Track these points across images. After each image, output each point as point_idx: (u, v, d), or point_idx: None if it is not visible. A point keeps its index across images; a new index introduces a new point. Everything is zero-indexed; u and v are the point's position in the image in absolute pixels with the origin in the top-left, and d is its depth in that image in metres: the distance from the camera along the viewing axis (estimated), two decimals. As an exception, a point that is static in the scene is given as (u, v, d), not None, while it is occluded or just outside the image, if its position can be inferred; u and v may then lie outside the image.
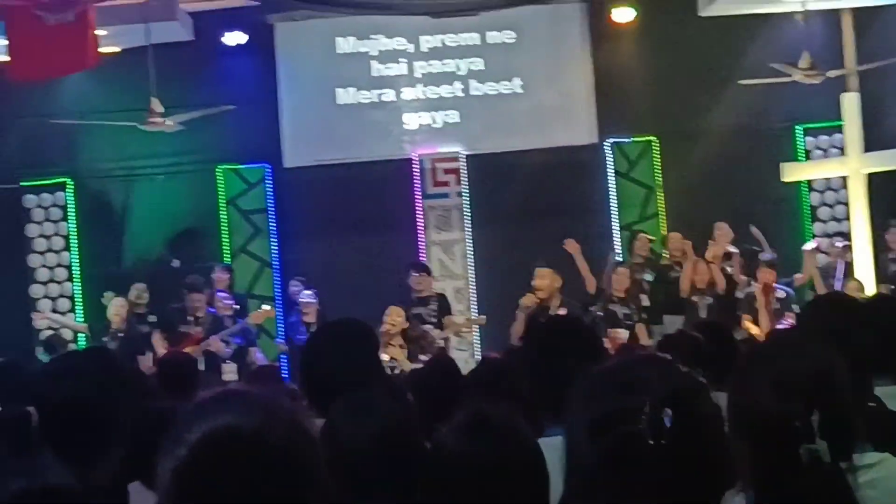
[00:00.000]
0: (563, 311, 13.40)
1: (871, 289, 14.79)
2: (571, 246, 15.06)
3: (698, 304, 14.73)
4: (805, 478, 2.70)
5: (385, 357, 13.12)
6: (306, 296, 14.82)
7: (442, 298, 15.05)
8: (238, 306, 15.08)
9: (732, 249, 15.48)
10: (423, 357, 12.98)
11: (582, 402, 2.33)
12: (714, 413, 2.31)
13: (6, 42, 12.58)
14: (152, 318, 15.05)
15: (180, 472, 2.03)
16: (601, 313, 14.50)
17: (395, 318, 13.34)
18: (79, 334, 16.24)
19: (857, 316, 4.41)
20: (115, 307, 14.71)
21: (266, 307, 15.21)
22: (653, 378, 2.27)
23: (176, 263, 15.81)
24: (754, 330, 13.82)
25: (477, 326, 16.34)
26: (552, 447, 3.45)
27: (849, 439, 2.97)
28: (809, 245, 16.01)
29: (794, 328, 4.79)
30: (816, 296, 12.56)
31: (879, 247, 15.60)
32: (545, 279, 13.51)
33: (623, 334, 13.88)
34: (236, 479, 2.02)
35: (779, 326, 14.31)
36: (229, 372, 14.01)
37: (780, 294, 14.82)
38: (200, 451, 2.03)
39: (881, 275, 15.40)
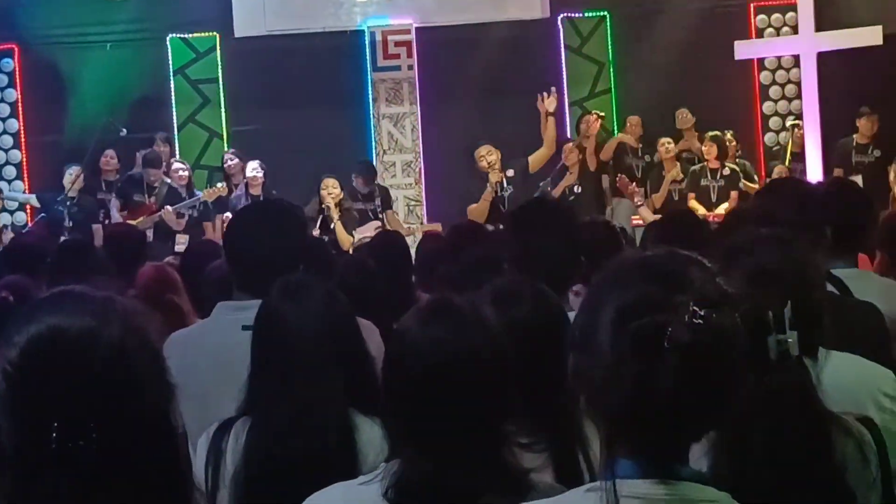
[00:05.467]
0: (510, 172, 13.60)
1: (817, 171, 14.88)
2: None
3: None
4: (772, 370, 2.69)
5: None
6: (254, 168, 14.78)
7: (384, 191, 15.14)
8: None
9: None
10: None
11: (611, 286, 2.24)
12: (740, 333, 2.22)
13: None
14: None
15: (10, 375, 2.04)
16: (549, 188, 14.55)
17: (331, 188, 13.57)
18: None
19: (816, 203, 4.41)
20: (73, 175, 14.72)
21: (220, 185, 15.17)
22: (696, 277, 2.19)
23: (123, 132, 15.66)
24: (700, 209, 13.90)
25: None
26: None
27: (819, 332, 3.01)
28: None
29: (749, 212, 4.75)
30: (772, 180, 12.65)
31: (831, 129, 15.63)
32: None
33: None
34: (64, 381, 2.02)
35: (723, 206, 14.43)
36: (181, 243, 14.03)
37: (727, 171, 14.94)
38: (29, 352, 2.04)
39: (837, 159, 15.44)
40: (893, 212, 8.76)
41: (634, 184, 13.95)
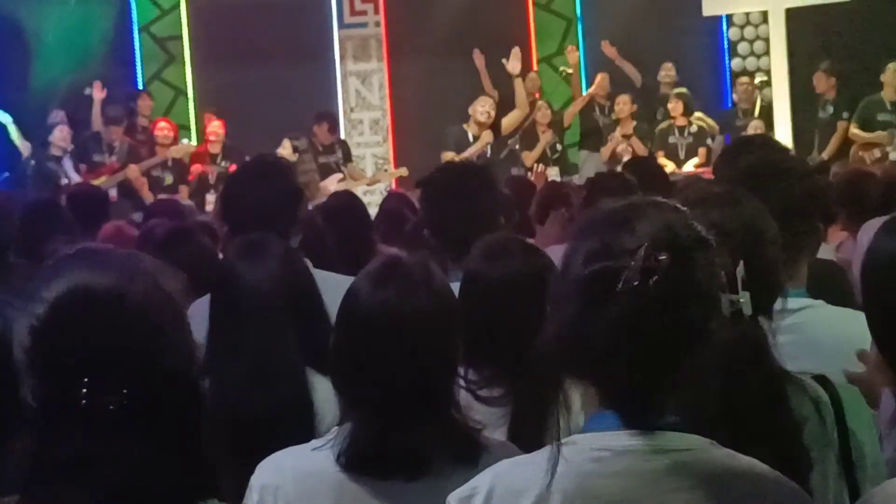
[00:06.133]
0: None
1: (786, 128, 14.86)
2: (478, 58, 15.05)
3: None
4: (724, 328, 2.65)
5: None
6: (215, 126, 14.74)
7: (344, 145, 15.12)
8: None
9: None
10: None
11: (581, 237, 2.23)
12: (709, 276, 2.19)
13: None
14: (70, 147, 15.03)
15: (37, 331, 2.06)
16: (517, 147, 14.54)
17: (281, 150, 13.48)
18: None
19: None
20: (63, 132, 14.62)
21: (186, 141, 15.09)
22: (656, 222, 2.17)
23: (88, 91, 15.56)
24: (669, 165, 13.88)
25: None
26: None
27: (772, 291, 2.96)
28: None
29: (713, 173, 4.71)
30: (737, 139, 12.62)
31: (798, 86, 15.60)
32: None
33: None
34: (92, 338, 2.04)
35: (692, 162, 14.45)
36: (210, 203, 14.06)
37: (694, 128, 14.94)
38: (57, 309, 2.05)
39: (805, 118, 15.43)
40: (850, 171, 8.81)
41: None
